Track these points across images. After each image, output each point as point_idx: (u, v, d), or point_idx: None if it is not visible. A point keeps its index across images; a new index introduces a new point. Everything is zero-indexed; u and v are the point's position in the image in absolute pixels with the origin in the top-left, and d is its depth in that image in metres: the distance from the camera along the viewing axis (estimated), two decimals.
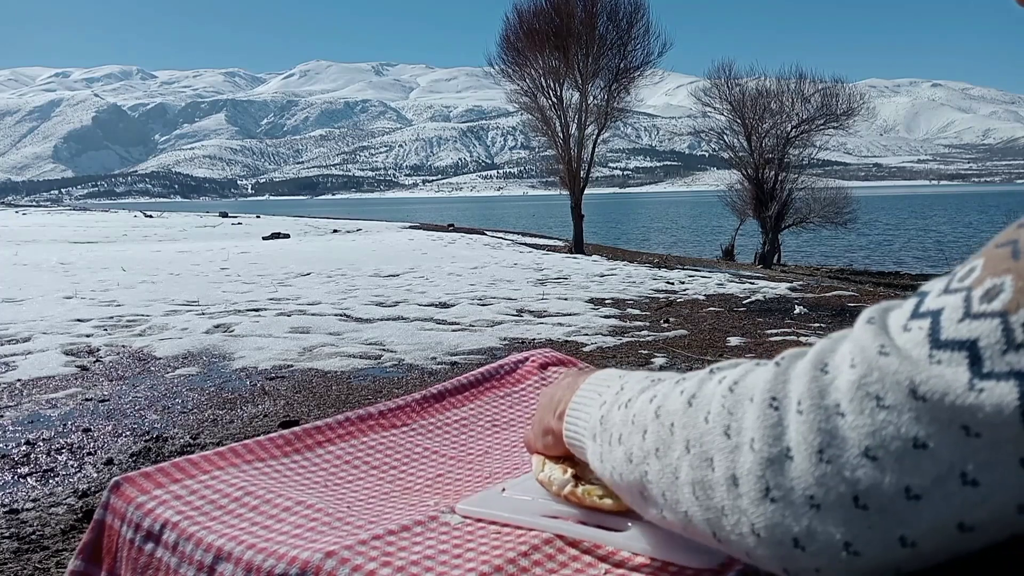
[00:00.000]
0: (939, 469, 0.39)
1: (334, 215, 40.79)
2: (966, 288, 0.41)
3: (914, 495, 0.40)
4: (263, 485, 0.86)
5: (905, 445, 0.40)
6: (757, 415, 0.48)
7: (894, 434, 0.40)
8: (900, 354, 0.41)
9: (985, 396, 0.37)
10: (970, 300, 0.40)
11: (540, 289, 7.62)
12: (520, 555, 0.68)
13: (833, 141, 22.56)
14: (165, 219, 29.90)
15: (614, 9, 16.52)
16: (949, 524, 0.40)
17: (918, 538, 0.41)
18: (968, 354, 0.38)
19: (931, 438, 0.39)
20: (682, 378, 0.59)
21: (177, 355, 4.29)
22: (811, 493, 0.43)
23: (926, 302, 0.43)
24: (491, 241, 17.11)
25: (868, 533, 0.42)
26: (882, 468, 0.41)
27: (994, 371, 0.37)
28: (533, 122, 16.96)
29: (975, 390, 0.38)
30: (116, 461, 2.62)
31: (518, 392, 1.28)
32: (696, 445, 0.52)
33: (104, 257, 11.10)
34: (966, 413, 0.38)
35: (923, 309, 0.43)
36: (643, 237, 31.97)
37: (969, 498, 0.39)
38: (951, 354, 0.39)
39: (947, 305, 0.41)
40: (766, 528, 0.46)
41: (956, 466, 0.38)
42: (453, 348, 4.57)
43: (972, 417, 0.38)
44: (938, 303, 0.42)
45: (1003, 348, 0.37)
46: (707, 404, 0.53)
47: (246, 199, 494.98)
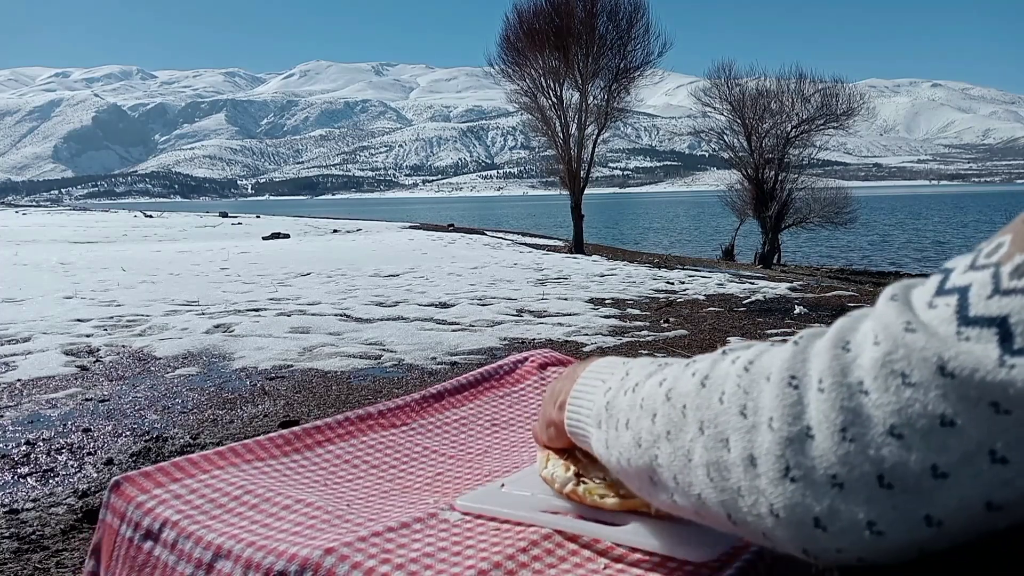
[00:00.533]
0: (967, 447, 0.38)
1: (334, 215, 40.80)
2: (994, 264, 0.40)
3: (941, 473, 0.39)
4: (263, 484, 0.86)
5: (932, 423, 0.39)
6: (775, 394, 0.47)
7: (921, 412, 0.40)
8: (927, 331, 0.41)
9: (1016, 372, 0.36)
10: (999, 276, 0.39)
11: (540, 289, 7.62)
12: (519, 551, 0.68)
13: (833, 141, 22.55)
14: (165, 219, 29.91)
15: (614, 9, 16.52)
16: (977, 503, 0.39)
17: (944, 517, 0.40)
18: (998, 330, 0.38)
19: (959, 415, 0.38)
20: (692, 361, 0.58)
21: (177, 355, 4.29)
22: (833, 472, 0.43)
23: (951, 279, 0.42)
24: (491, 241, 17.11)
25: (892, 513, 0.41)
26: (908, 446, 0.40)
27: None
28: (533, 122, 16.96)
29: (1006, 366, 0.37)
30: (116, 461, 2.62)
31: (517, 392, 1.28)
32: (711, 426, 0.51)
33: (104, 257, 11.11)
34: (996, 389, 0.37)
35: (949, 286, 0.42)
36: (643, 237, 31.96)
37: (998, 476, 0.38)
38: (980, 331, 0.38)
39: (975, 281, 0.40)
40: (786, 508, 0.45)
41: (985, 444, 0.38)
42: (453, 348, 4.57)
43: (1003, 393, 0.37)
44: (965, 279, 0.41)
45: None
46: (721, 384, 0.52)
47: (246, 199, 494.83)
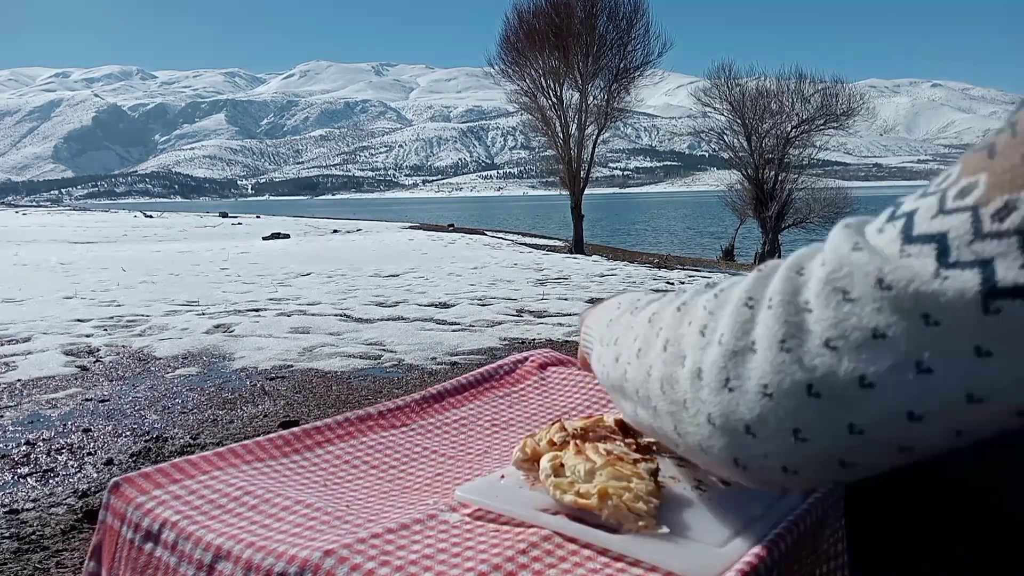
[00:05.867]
0: (895, 358, 0.40)
1: (334, 215, 40.80)
2: (941, 190, 0.42)
3: (868, 383, 0.41)
4: (263, 485, 0.86)
5: (864, 335, 0.41)
6: (731, 312, 0.50)
7: (856, 324, 0.41)
8: (872, 250, 0.43)
9: (949, 283, 0.38)
10: (944, 199, 0.41)
11: (540, 289, 7.62)
12: (519, 552, 0.68)
13: (833, 141, 22.55)
14: (165, 219, 29.91)
15: (614, 9, 16.54)
16: (899, 413, 0.41)
17: (867, 426, 0.42)
18: (937, 245, 0.39)
19: (891, 327, 0.40)
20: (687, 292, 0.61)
21: (177, 355, 4.29)
22: (766, 382, 0.45)
23: (902, 207, 0.44)
24: (491, 241, 17.11)
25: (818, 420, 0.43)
26: (839, 358, 0.42)
27: (960, 260, 0.38)
28: (533, 122, 16.98)
29: (939, 278, 0.38)
30: (116, 461, 2.62)
31: (517, 392, 1.28)
32: (674, 344, 0.55)
33: (104, 257, 11.11)
34: (928, 300, 0.39)
35: (898, 213, 0.44)
36: (643, 237, 31.94)
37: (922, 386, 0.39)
38: (921, 247, 0.40)
39: (921, 206, 0.42)
40: (721, 415, 0.48)
41: (912, 354, 0.39)
42: (453, 348, 4.57)
43: (934, 303, 0.39)
44: (913, 205, 0.43)
45: (970, 238, 0.38)
46: (694, 310, 0.55)
47: (246, 199, 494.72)
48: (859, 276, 0.42)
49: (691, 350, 0.52)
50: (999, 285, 0.36)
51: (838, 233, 0.46)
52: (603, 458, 0.74)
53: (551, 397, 1.26)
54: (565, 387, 1.29)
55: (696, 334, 0.52)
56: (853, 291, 0.42)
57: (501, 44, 17.34)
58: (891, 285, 0.40)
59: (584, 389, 1.26)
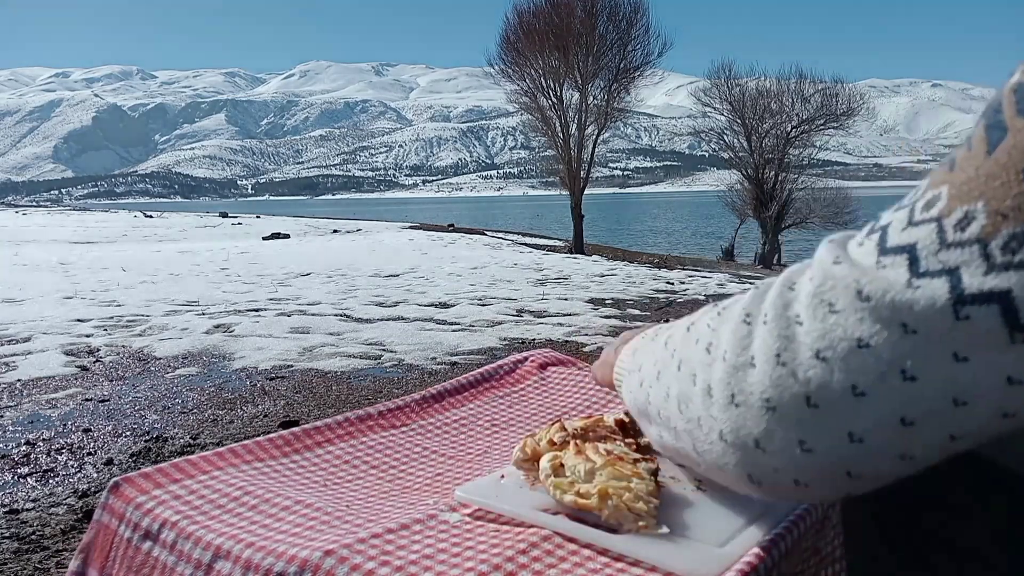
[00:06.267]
0: (881, 367, 0.42)
1: (334, 215, 40.79)
2: (912, 203, 0.44)
3: (860, 392, 0.43)
4: (262, 485, 0.86)
5: (850, 345, 0.43)
6: (731, 329, 0.51)
7: (841, 335, 0.43)
8: (851, 262, 0.45)
9: (920, 292, 0.40)
10: (913, 211, 0.43)
11: (540, 289, 7.62)
12: (519, 552, 0.68)
13: (833, 141, 22.55)
14: (165, 219, 29.90)
15: (614, 9, 16.55)
16: (892, 419, 0.42)
17: (864, 433, 0.44)
18: (908, 256, 0.41)
19: (873, 337, 0.42)
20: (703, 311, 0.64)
21: (177, 355, 4.29)
22: (768, 396, 0.47)
23: (879, 221, 0.46)
24: (491, 241, 17.11)
25: (819, 430, 0.45)
26: (831, 368, 0.44)
27: (929, 269, 0.40)
28: (533, 122, 16.98)
29: (912, 287, 0.40)
30: (116, 461, 2.62)
31: (517, 392, 1.28)
32: (686, 364, 0.56)
33: (104, 257, 11.10)
34: (904, 310, 0.41)
35: (876, 226, 0.46)
36: (643, 237, 31.94)
37: (909, 393, 0.41)
38: (894, 258, 0.42)
39: (895, 219, 0.44)
40: (732, 431, 0.50)
41: (896, 363, 0.41)
42: (453, 348, 4.57)
43: (910, 313, 0.40)
44: (888, 219, 0.45)
45: (936, 248, 0.40)
46: (700, 328, 0.57)
47: (246, 199, 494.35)
48: (841, 288, 0.44)
49: (700, 368, 0.54)
50: (966, 292, 0.39)
51: (823, 248, 0.48)
52: (603, 458, 0.74)
53: (551, 397, 1.26)
54: (565, 387, 1.29)
55: (703, 352, 0.54)
56: (837, 303, 0.44)
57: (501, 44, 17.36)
58: (869, 296, 0.42)
59: (584, 389, 1.26)
